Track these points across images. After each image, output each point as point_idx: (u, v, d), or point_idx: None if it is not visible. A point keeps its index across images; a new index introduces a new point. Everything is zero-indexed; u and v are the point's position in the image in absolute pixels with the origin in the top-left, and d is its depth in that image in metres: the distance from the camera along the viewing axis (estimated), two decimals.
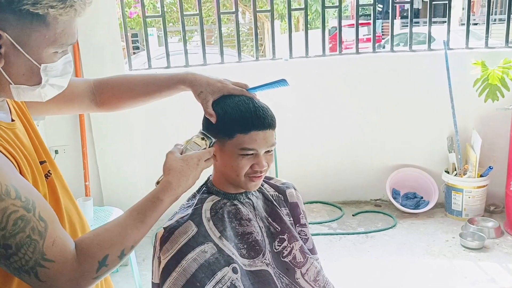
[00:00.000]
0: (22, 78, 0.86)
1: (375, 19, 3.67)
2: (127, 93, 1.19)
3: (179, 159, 1.00)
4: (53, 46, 0.85)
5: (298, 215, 1.24)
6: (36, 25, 0.82)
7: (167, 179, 0.97)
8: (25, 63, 0.85)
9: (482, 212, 3.35)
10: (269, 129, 1.07)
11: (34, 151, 0.96)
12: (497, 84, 3.08)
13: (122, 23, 3.41)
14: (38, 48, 0.84)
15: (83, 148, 3.12)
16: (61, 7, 0.82)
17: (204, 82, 1.11)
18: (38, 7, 0.80)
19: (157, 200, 0.94)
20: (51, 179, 0.98)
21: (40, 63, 0.86)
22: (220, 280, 1.01)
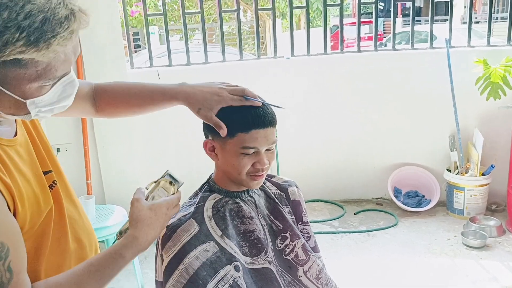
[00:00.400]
0: (10, 111, 0.82)
1: (377, 17, 3.67)
2: (122, 103, 1.17)
3: (146, 209, 0.94)
4: (37, 82, 0.79)
5: (300, 213, 1.24)
6: (10, 66, 0.76)
7: (133, 234, 0.91)
8: (8, 99, 0.79)
9: (484, 210, 3.34)
10: (270, 127, 1.07)
11: (39, 161, 0.94)
12: (499, 82, 3.08)
13: (123, 21, 3.40)
14: (20, 85, 0.78)
15: (85, 147, 3.13)
16: (34, 51, 0.74)
17: (201, 98, 1.06)
18: (2, 55, 0.73)
19: (119, 257, 0.89)
20: (56, 189, 0.96)
21: (25, 98, 0.80)
22: (223, 278, 1.02)
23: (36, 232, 0.89)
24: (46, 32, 0.74)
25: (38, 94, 0.81)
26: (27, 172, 0.88)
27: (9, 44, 0.72)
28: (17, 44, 0.72)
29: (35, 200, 0.87)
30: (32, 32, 0.73)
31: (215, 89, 1.07)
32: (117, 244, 0.91)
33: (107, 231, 2.44)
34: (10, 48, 0.72)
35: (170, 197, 1.00)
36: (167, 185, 1.02)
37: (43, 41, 0.74)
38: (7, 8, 0.72)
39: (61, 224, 0.95)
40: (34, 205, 0.86)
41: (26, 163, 0.89)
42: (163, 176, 1.04)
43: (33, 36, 0.73)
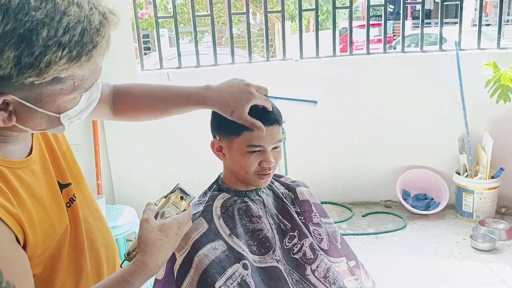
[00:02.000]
0: (41, 127, 0.79)
1: (386, 19, 3.67)
2: (144, 107, 1.12)
3: (156, 230, 0.87)
4: (73, 93, 0.75)
5: (310, 213, 1.24)
6: (47, 85, 0.71)
7: (143, 259, 0.84)
8: (41, 116, 0.75)
9: (493, 213, 3.32)
10: (275, 125, 1.08)
11: (57, 174, 0.90)
12: (509, 85, 3.06)
13: (134, 23, 3.44)
14: (55, 101, 0.74)
15: (96, 147, 3.16)
16: (77, 66, 0.70)
17: (231, 101, 1.02)
18: (46, 77, 0.68)
19: (127, 285, 0.82)
20: (75, 205, 0.91)
21: (60, 113, 0.76)
22: (231, 276, 1.03)
23: (51, 253, 0.85)
24: (87, 44, 0.70)
25: (71, 106, 0.77)
26: (41, 192, 0.84)
27: (52, 64, 0.67)
28: (59, 62, 0.68)
29: (49, 222, 0.83)
30: (74, 47, 0.68)
31: (243, 87, 1.05)
32: (126, 270, 0.85)
33: (117, 230, 2.47)
34: (53, 68, 0.68)
35: (181, 215, 0.93)
36: (178, 200, 0.96)
37: (85, 54, 0.70)
38: (44, 25, 0.66)
39: (78, 242, 0.91)
40: (47, 228, 0.82)
41: (41, 181, 0.85)
42: (174, 191, 0.98)
43: (75, 51, 0.68)
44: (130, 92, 1.13)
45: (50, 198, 0.86)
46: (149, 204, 0.94)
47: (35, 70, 0.67)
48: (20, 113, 0.74)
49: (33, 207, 0.80)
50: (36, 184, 0.84)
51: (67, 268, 0.89)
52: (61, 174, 0.91)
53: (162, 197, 0.98)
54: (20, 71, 0.67)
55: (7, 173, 0.77)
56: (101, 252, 0.97)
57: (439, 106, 3.44)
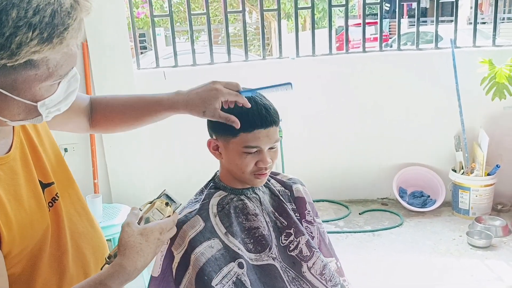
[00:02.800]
0: (19, 117, 0.78)
1: (382, 18, 3.67)
2: (118, 116, 1.12)
3: (137, 234, 0.86)
4: (49, 80, 0.75)
5: (304, 210, 1.25)
6: (21, 69, 0.71)
7: (121, 263, 0.83)
8: (18, 105, 0.75)
9: (490, 210, 3.34)
10: (272, 126, 1.08)
11: (39, 173, 0.89)
12: (504, 82, 3.07)
13: (130, 23, 3.44)
14: (30, 88, 0.73)
15: (92, 146, 3.16)
16: (48, 48, 0.70)
17: (199, 101, 1.02)
18: (18, 58, 0.68)
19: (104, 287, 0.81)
20: (57, 205, 0.91)
21: (36, 101, 0.76)
22: (226, 275, 1.04)
23: (31, 252, 0.84)
24: (58, 26, 0.69)
25: (48, 95, 0.77)
26: (20, 191, 0.83)
27: (23, 45, 0.67)
28: (31, 44, 0.67)
29: (27, 221, 0.82)
30: (45, 28, 0.68)
31: (209, 86, 1.04)
32: (104, 273, 0.84)
33: (114, 229, 2.47)
34: (24, 50, 0.68)
35: (164, 220, 0.91)
36: (163, 207, 0.95)
37: (56, 36, 0.69)
38: (13, 6, 0.66)
39: (61, 241, 0.90)
40: (26, 227, 0.81)
41: (21, 179, 0.84)
42: (160, 196, 0.97)
43: (46, 32, 0.68)
44: (105, 103, 1.13)
45: (30, 197, 0.84)
46: (134, 208, 0.93)
47: (6, 51, 0.67)
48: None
49: (9, 204, 0.79)
50: (15, 182, 0.83)
51: (49, 268, 0.88)
52: (43, 173, 0.90)
53: (148, 202, 0.96)
54: None
55: None
56: (86, 253, 0.96)
57: (435, 104, 3.45)
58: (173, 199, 0.97)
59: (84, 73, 3.06)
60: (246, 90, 1.08)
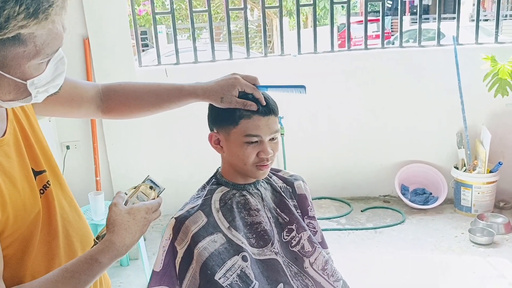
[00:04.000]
0: (10, 96, 0.80)
1: (384, 15, 3.67)
2: (135, 102, 1.15)
3: (124, 213, 0.91)
4: (37, 58, 0.78)
5: (306, 207, 1.25)
6: (10, 45, 0.74)
7: (110, 239, 0.88)
8: (8, 83, 0.78)
9: (492, 208, 3.34)
10: (272, 115, 1.10)
11: (31, 161, 0.91)
12: (507, 79, 3.06)
13: (131, 20, 3.44)
14: (19, 66, 0.77)
15: (94, 144, 3.17)
16: (34, 23, 0.73)
17: (218, 88, 1.08)
18: (5, 32, 0.71)
19: (94, 262, 0.86)
20: (49, 192, 0.93)
21: (26, 79, 0.79)
22: (230, 268, 1.04)
23: (23, 235, 0.87)
24: (43, 2, 0.72)
25: (37, 74, 0.80)
26: (14, 173, 0.85)
27: (11, 18, 0.70)
28: (18, 18, 0.71)
29: (20, 203, 0.85)
30: (30, 3, 0.71)
31: (228, 76, 1.11)
32: (94, 249, 0.88)
33: None
34: (12, 23, 0.71)
35: (150, 202, 0.96)
36: (148, 190, 1.00)
37: (41, 12, 0.72)
38: None
39: (51, 227, 0.93)
40: (19, 208, 0.84)
41: (14, 163, 0.86)
42: (144, 181, 1.03)
43: (32, 7, 0.71)
44: (121, 90, 1.16)
45: (23, 181, 0.87)
46: (120, 192, 0.98)
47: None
48: None
49: (4, 185, 0.82)
50: (9, 165, 0.85)
51: (39, 252, 0.90)
52: (35, 161, 0.93)
53: (132, 187, 1.02)
54: None
55: None
56: (75, 241, 0.99)
57: (437, 101, 3.44)
58: (157, 183, 1.03)
59: (85, 70, 3.07)
60: (262, 86, 1.13)
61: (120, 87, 1.16)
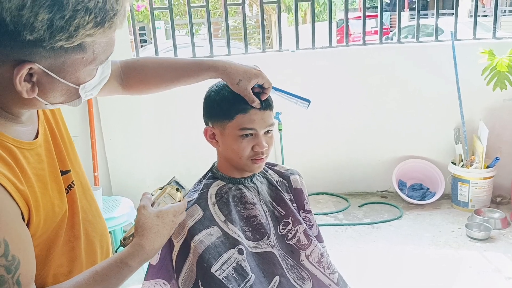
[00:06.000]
0: (60, 99, 0.82)
1: (382, 10, 3.67)
2: (154, 78, 1.16)
3: (153, 216, 0.92)
4: (92, 64, 0.80)
5: (302, 201, 1.26)
6: (71, 52, 0.76)
7: (140, 242, 0.89)
8: (61, 87, 0.80)
9: (489, 203, 3.35)
10: (267, 110, 1.11)
11: (58, 160, 0.92)
12: (505, 72, 3.06)
13: (129, 16, 3.43)
14: (76, 71, 0.79)
15: (92, 139, 3.17)
16: (100, 32, 0.75)
17: (241, 70, 1.08)
18: (73, 41, 0.73)
19: (125, 266, 0.87)
20: (73, 192, 0.94)
21: (79, 84, 0.81)
22: (226, 261, 1.05)
23: (49, 236, 0.88)
24: (108, 11, 0.74)
25: (89, 78, 0.82)
26: (45, 175, 0.86)
27: (80, 28, 0.72)
28: (87, 27, 0.73)
29: (50, 205, 0.86)
30: (98, 13, 0.73)
31: (253, 66, 1.11)
32: (123, 252, 0.89)
33: (114, 221, 2.48)
34: (81, 32, 0.72)
35: (177, 204, 0.98)
36: (174, 192, 1.02)
37: (107, 21, 0.74)
38: None
39: (74, 228, 0.94)
40: (49, 211, 0.85)
41: (45, 165, 0.88)
42: (170, 183, 1.04)
43: (100, 16, 0.73)
44: (140, 65, 1.17)
45: (52, 182, 0.88)
46: (146, 193, 0.99)
47: (65, 33, 0.72)
48: (42, 83, 0.77)
49: (38, 188, 0.83)
50: (41, 167, 0.86)
51: (62, 253, 0.91)
52: (62, 161, 0.94)
53: (158, 188, 1.03)
54: (52, 34, 0.71)
55: (17, 152, 0.80)
56: (95, 241, 0.99)
57: (435, 96, 3.45)
58: (182, 185, 1.04)
59: None
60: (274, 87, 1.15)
61: (139, 64, 1.17)
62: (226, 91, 1.10)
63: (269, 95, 1.13)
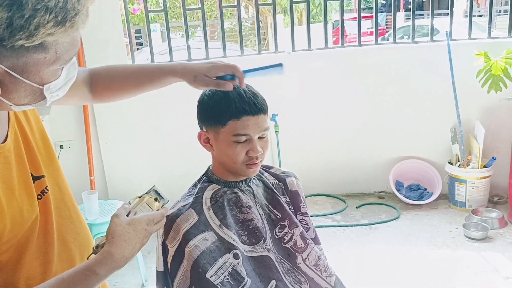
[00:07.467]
0: (25, 100, 0.81)
1: (377, 11, 3.67)
2: (118, 84, 1.17)
3: (125, 224, 0.89)
4: (56, 65, 0.80)
5: (299, 203, 1.25)
6: (33, 52, 0.75)
7: (109, 250, 0.86)
8: (25, 88, 0.79)
9: (486, 203, 3.35)
10: (261, 114, 1.09)
11: (31, 165, 0.91)
12: (500, 74, 3.07)
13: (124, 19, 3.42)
14: (39, 71, 0.78)
15: (88, 143, 3.16)
16: (61, 31, 0.75)
17: (196, 67, 1.09)
18: (34, 40, 0.73)
19: (92, 274, 0.84)
20: (46, 197, 0.93)
21: (43, 84, 0.80)
22: (222, 266, 1.04)
23: (19, 241, 0.86)
24: (70, 10, 0.74)
25: (53, 79, 0.81)
26: (12, 180, 0.85)
27: (41, 26, 0.72)
28: (47, 26, 0.72)
29: (18, 210, 0.84)
30: (59, 12, 0.73)
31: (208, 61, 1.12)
32: (91, 260, 0.86)
33: None
34: (41, 31, 0.72)
35: (152, 213, 0.94)
36: (151, 201, 0.98)
37: (68, 20, 0.74)
38: None
39: (48, 234, 0.92)
40: (16, 216, 0.83)
41: (13, 170, 0.86)
42: (149, 192, 1.01)
43: (60, 16, 0.73)
44: (105, 73, 1.18)
45: (21, 188, 0.87)
46: (125, 203, 0.96)
47: (25, 32, 0.72)
48: (5, 84, 0.77)
49: (2, 192, 0.82)
50: (8, 171, 0.85)
51: (35, 259, 0.90)
52: (35, 166, 0.93)
53: (137, 197, 1.00)
54: (12, 33, 0.71)
55: None
56: (73, 247, 0.98)
57: (431, 96, 3.45)
58: (162, 195, 1.01)
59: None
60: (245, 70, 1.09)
61: (106, 71, 1.18)
62: (219, 96, 1.09)
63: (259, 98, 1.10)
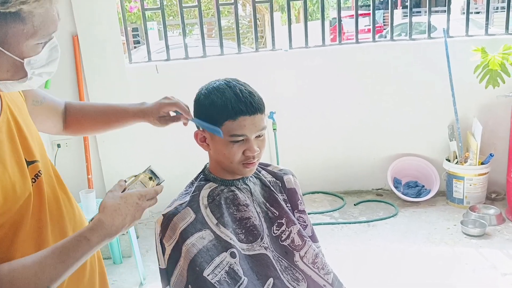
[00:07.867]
0: (7, 74, 0.85)
1: (374, 8, 3.66)
2: (88, 120, 1.26)
3: (117, 197, 0.95)
4: (34, 38, 0.83)
5: (296, 201, 1.25)
6: (11, 22, 0.79)
7: (99, 217, 0.92)
8: (7, 60, 0.83)
9: (484, 199, 3.36)
10: (257, 114, 1.07)
11: (24, 151, 0.94)
12: (498, 70, 3.07)
13: (121, 17, 3.41)
14: (18, 43, 0.82)
15: (85, 142, 3.15)
16: (34, 1, 0.79)
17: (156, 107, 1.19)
18: (8, 6, 0.77)
19: (83, 240, 0.89)
20: (40, 181, 0.96)
21: (23, 58, 0.84)
22: (219, 264, 1.04)
23: (13, 218, 0.89)
24: None
25: (34, 53, 0.85)
26: (4, 155, 0.88)
27: None
28: None
29: (10, 184, 0.87)
30: None
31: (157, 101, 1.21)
32: (83, 228, 0.92)
33: None
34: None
35: (145, 189, 0.99)
36: (146, 180, 1.02)
37: None
38: None
39: (42, 214, 0.96)
40: (8, 189, 0.87)
41: (5, 147, 0.90)
42: (144, 171, 1.05)
43: None
44: (80, 108, 1.27)
45: (13, 164, 0.90)
46: (121, 181, 1.01)
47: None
48: None
49: None
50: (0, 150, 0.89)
51: (29, 238, 0.93)
52: (28, 151, 0.96)
53: (132, 175, 1.04)
54: None
55: None
56: (68, 231, 1.02)
57: (429, 93, 3.45)
58: (157, 174, 1.05)
59: (75, 68, 3.04)
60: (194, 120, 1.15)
61: (79, 106, 1.27)
62: (215, 95, 1.08)
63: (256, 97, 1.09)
